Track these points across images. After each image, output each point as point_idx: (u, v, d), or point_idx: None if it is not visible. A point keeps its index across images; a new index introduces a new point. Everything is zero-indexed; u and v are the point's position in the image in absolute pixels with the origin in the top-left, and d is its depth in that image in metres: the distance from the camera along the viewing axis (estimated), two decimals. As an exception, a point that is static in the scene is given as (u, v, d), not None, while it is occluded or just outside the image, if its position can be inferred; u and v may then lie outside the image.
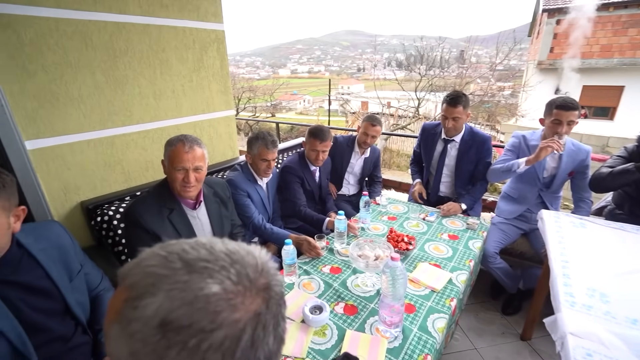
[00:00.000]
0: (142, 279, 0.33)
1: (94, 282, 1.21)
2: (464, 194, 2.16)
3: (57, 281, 1.01)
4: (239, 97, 15.19)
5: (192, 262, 0.34)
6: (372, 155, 2.55)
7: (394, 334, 1.12)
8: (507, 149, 2.10)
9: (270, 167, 1.87)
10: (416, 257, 1.59)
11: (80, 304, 1.09)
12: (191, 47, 2.18)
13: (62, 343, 1.04)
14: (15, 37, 1.52)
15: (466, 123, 2.20)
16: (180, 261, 0.34)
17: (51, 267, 1.01)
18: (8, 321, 0.88)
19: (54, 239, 1.07)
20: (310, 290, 1.39)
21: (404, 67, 13.74)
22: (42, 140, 1.66)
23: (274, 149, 1.83)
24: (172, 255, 0.35)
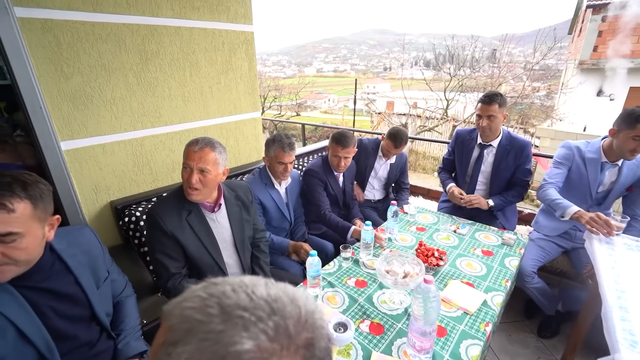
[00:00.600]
0: (179, 322, 0.32)
1: (119, 289, 1.22)
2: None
3: (86, 288, 1.01)
4: (264, 96, 15.37)
5: (229, 310, 0.32)
6: (399, 161, 2.46)
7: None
8: (558, 161, 1.89)
9: (287, 170, 1.83)
10: (447, 273, 1.49)
11: (105, 310, 1.10)
12: (220, 48, 2.18)
13: (87, 349, 1.04)
14: (54, 41, 1.56)
15: (504, 128, 2.06)
16: (217, 306, 0.32)
17: (81, 274, 1.01)
18: (35, 328, 0.88)
19: (85, 245, 1.08)
20: (335, 304, 1.33)
21: (432, 67, 13.36)
22: (76, 141, 1.70)
23: (291, 152, 1.79)
24: (211, 298, 0.33)
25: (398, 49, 13.57)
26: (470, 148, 2.15)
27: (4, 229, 0.76)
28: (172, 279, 1.34)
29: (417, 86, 12.99)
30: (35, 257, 0.86)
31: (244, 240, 1.58)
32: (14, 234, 0.78)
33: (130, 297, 1.27)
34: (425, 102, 11.19)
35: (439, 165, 2.39)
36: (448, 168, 2.33)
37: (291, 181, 1.99)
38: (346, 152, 2.00)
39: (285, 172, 1.82)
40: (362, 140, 2.43)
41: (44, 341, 0.89)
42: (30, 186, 0.82)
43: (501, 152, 2.03)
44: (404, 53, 13.85)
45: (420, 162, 8.96)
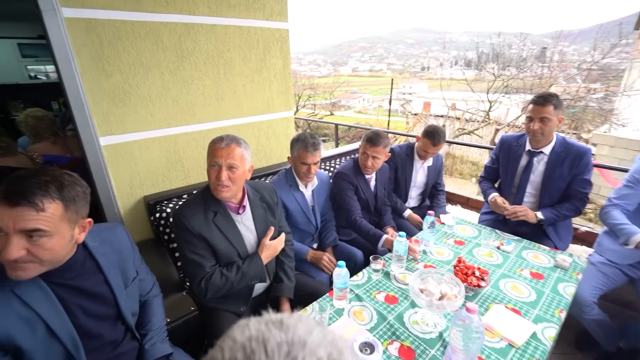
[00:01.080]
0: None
1: (146, 288, 1.21)
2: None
3: (114, 287, 1.01)
4: (299, 95, 15.48)
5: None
6: (436, 163, 2.30)
7: (461, 398, 0.92)
8: (634, 178, 1.62)
9: (311, 172, 1.75)
10: (489, 296, 1.34)
11: (131, 310, 1.09)
12: (255, 46, 2.15)
13: (112, 348, 1.04)
14: (97, 40, 1.60)
15: (557, 133, 1.85)
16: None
17: (110, 273, 1.01)
18: (64, 325, 0.89)
19: (117, 243, 1.07)
20: (362, 320, 1.24)
21: (474, 66, 12.69)
22: (114, 136, 1.74)
23: (315, 152, 1.71)
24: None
25: (437, 47, 13.07)
26: (517, 155, 1.95)
27: (32, 225, 0.76)
28: (204, 277, 1.31)
29: (457, 87, 12.42)
30: (60, 258, 0.86)
31: None
32: (42, 231, 0.77)
33: (157, 297, 1.26)
34: (465, 103, 10.64)
35: (480, 174, 2.20)
36: (491, 177, 2.14)
37: (319, 183, 1.92)
38: (375, 150, 1.89)
39: (308, 174, 1.75)
40: (393, 149, 2.28)
41: (70, 338, 0.90)
42: (66, 188, 0.82)
43: (554, 159, 1.82)
44: (444, 52, 13.31)
45: (457, 166, 8.53)
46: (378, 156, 1.92)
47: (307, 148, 1.69)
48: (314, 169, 1.74)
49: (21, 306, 0.82)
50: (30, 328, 0.83)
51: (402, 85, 50.81)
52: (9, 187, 0.75)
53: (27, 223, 0.75)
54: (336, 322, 1.23)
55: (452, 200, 2.92)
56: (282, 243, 1.53)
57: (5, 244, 0.74)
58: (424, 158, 2.17)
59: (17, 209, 0.74)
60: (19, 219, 0.74)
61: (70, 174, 0.87)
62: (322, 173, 2.02)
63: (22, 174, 0.79)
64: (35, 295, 0.85)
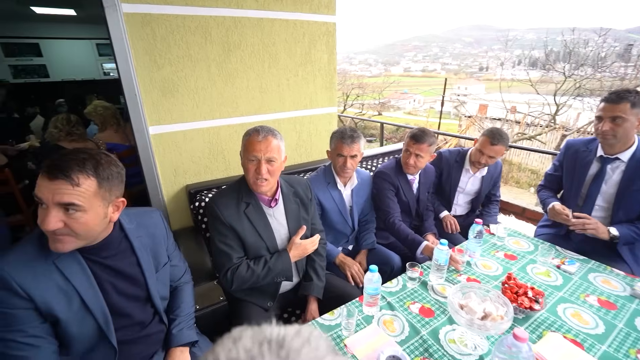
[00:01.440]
0: None
1: (177, 275, 1.24)
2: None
3: (145, 271, 1.04)
4: (347, 94, 15.40)
5: None
6: (494, 169, 2.09)
7: None
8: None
9: (346, 165, 1.66)
10: (543, 321, 1.16)
11: (160, 294, 1.11)
12: (300, 40, 2.12)
13: (140, 328, 1.07)
14: (151, 33, 1.69)
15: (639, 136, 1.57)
16: None
17: (143, 256, 1.04)
18: (97, 300, 0.93)
19: (152, 228, 1.10)
20: (392, 331, 1.14)
21: (540, 66, 11.55)
22: (161, 126, 1.83)
23: (352, 144, 1.62)
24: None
25: (499, 46, 12.08)
26: (585, 162, 1.69)
27: (68, 199, 0.79)
28: (231, 268, 1.31)
29: (519, 88, 11.41)
30: (94, 234, 0.89)
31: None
32: (76, 205, 0.80)
33: (188, 284, 1.28)
34: (527, 106, 9.74)
35: (540, 182, 1.94)
36: (552, 186, 1.87)
37: (359, 183, 1.83)
38: (418, 148, 1.76)
39: (344, 168, 1.67)
40: (441, 153, 2.12)
41: (102, 314, 0.94)
42: (101, 166, 0.85)
43: (634, 168, 1.54)
44: (506, 50, 12.30)
45: (514, 174, 7.85)
46: (422, 154, 1.78)
47: (344, 139, 1.62)
48: (350, 162, 1.66)
49: (61, 278, 0.87)
50: (67, 300, 0.88)
51: (457, 86, 48.20)
52: (52, 162, 0.80)
53: (62, 197, 0.79)
54: (363, 330, 1.15)
55: (506, 209, 2.65)
56: (315, 245, 1.47)
57: (45, 215, 0.79)
58: (478, 164, 1.96)
59: (55, 182, 0.78)
60: (56, 192, 0.78)
61: (107, 155, 0.89)
62: (363, 172, 1.94)
63: (65, 153, 0.83)
64: (73, 269, 0.89)
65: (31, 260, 0.85)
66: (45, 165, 0.80)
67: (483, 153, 1.90)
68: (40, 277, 0.85)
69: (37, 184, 0.79)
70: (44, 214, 0.79)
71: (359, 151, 1.66)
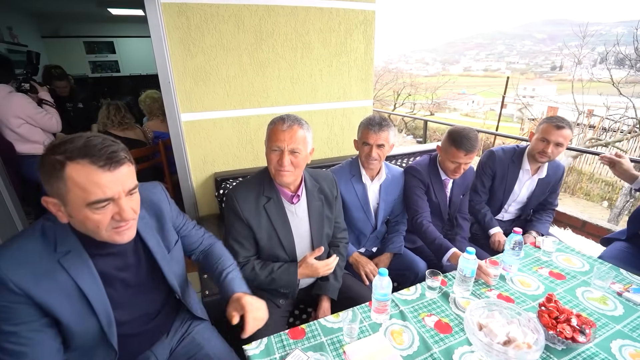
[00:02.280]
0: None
1: (195, 243, 1.17)
2: None
3: (156, 254, 0.98)
4: (398, 92, 14.91)
5: None
6: (554, 173, 1.81)
7: None
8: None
9: (371, 155, 1.51)
10: (589, 358, 0.95)
11: (175, 274, 1.05)
12: (336, 29, 2.05)
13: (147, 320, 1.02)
14: (186, 23, 1.74)
15: None
16: None
17: (151, 240, 0.98)
18: (103, 303, 0.87)
19: (154, 206, 1.02)
20: (399, 343, 1.03)
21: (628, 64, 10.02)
22: (193, 114, 1.88)
23: (380, 132, 1.48)
24: None
25: (577, 42, 10.68)
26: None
27: (133, 182, 0.79)
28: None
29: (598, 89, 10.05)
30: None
31: (322, 238, 1.42)
32: (136, 185, 0.81)
33: (218, 243, 1.22)
34: (606, 109, 8.52)
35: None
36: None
37: (389, 178, 1.68)
38: (469, 157, 1.57)
39: (369, 158, 1.53)
40: (494, 152, 1.86)
41: (106, 315, 0.88)
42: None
43: None
44: (585, 47, 10.88)
45: (583, 184, 6.94)
46: (471, 161, 1.60)
47: (371, 126, 1.49)
48: (376, 152, 1.52)
49: (66, 278, 0.81)
50: (70, 301, 0.82)
51: (523, 86, 44.18)
52: (97, 155, 0.73)
53: (133, 181, 0.79)
54: (367, 338, 1.04)
55: (561, 221, 2.30)
56: (330, 269, 1.36)
57: (120, 208, 0.77)
58: (542, 156, 1.67)
59: (119, 171, 0.75)
60: (125, 180, 0.77)
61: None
62: (395, 168, 1.79)
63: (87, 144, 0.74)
64: (80, 269, 0.83)
65: (32, 259, 0.78)
66: (90, 161, 0.72)
67: (548, 141, 1.62)
68: (41, 278, 0.78)
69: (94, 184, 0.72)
70: (111, 210, 0.76)
71: (387, 141, 1.52)
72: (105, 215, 0.76)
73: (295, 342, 1.04)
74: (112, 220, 0.78)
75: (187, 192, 2.00)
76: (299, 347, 1.01)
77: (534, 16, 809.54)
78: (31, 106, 2.40)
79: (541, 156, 1.67)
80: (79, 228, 0.80)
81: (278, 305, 1.39)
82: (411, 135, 12.88)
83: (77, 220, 0.77)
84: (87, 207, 0.74)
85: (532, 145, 1.72)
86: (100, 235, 0.79)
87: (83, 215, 0.75)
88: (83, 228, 0.79)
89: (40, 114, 2.45)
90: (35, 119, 2.42)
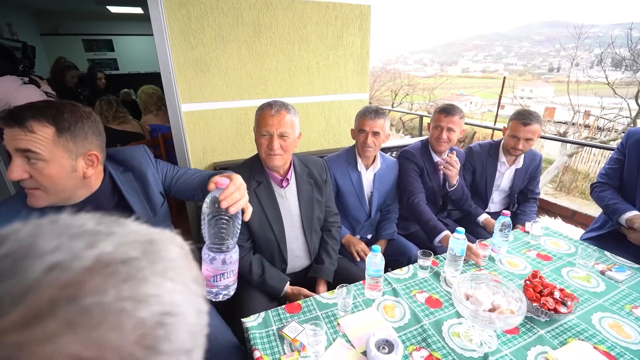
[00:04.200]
0: None
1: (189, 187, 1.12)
2: None
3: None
4: (396, 92, 15.00)
5: None
6: (531, 162, 1.87)
7: None
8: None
9: (367, 142, 1.57)
10: (570, 328, 1.00)
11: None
12: (332, 23, 2.10)
13: None
14: (186, 15, 1.78)
15: None
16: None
17: (137, 205, 1.00)
18: None
19: (137, 167, 1.04)
20: (391, 317, 1.07)
21: (625, 66, 10.12)
22: (193, 104, 1.92)
23: (376, 119, 1.54)
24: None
25: (574, 44, 10.78)
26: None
27: (24, 145, 0.78)
28: None
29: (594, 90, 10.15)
30: (64, 188, 0.86)
31: (312, 221, 1.47)
32: (33, 152, 0.78)
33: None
34: (601, 109, 8.61)
35: (595, 181, 1.68)
36: (614, 183, 1.61)
37: (383, 168, 1.73)
38: (450, 121, 1.64)
39: (365, 145, 1.58)
40: (471, 148, 1.94)
41: None
42: (62, 115, 0.82)
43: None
44: (582, 49, 10.99)
45: (579, 183, 7.01)
46: (454, 127, 1.66)
47: (368, 113, 1.55)
48: (372, 140, 1.57)
49: None
50: None
51: (521, 88, 44.36)
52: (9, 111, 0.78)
53: (19, 142, 0.77)
54: (360, 312, 1.09)
55: (551, 211, 2.36)
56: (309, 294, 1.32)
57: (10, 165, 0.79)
58: (514, 151, 1.76)
59: (12, 130, 0.77)
60: (13, 139, 0.78)
61: (76, 106, 0.86)
62: (390, 158, 1.84)
63: (28, 104, 0.80)
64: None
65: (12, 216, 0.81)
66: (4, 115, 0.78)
67: (518, 137, 1.70)
68: None
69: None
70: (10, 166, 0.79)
71: (383, 129, 1.57)
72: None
73: (292, 315, 1.08)
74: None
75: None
76: (295, 319, 1.06)
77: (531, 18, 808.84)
78: (42, 98, 2.44)
79: (514, 151, 1.76)
80: None
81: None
82: (409, 135, 12.96)
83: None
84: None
85: (505, 141, 1.81)
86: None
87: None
88: None
89: None
90: None
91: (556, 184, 7.32)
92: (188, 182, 1.13)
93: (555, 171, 6.86)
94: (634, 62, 8.90)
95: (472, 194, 1.98)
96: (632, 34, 8.83)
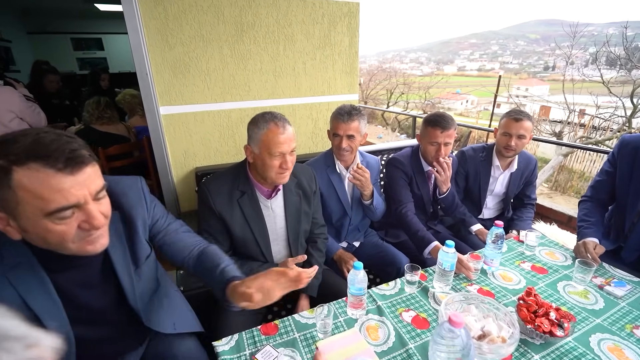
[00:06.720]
0: None
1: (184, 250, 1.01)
2: None
3: (119, 272, 0.85)
4: (391, 91, 14.93)
5: None
6: (526, 167, 1.80)
7: None
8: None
9: (341, 147, 1.49)
10: (568, 352, 0.93)
11: (142, 294, 0.92)
12: (319, 21, 2.01)
13: (109, 344, 0.92)
14: (163, 13, 1.68)
15: None
16: None
17: (116, 250, 0.84)
18: (60, 320, 0.76)
19: (127, 210, 0.87)
20: (374, 339, 0.99)
21: (619, 65, 10.12)
22: (172, 107, 1.83)
23: (349, 122, 1.45)
24: None
25: (569, 43, 10.75)
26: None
27: (101, 182, 0.68)
28: None
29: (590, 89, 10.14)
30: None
31: (298, 234, 1.39)
32: (103, 186, 0.70)
33: (211, 245, 1.06)
34: (596, 109, 8.59)
35: (587, 192, 1.58)
36: (600, 196, 1.51)
37: (365, 167, 1.65)
38: (447, 135, 1.55)
39: (339, 149, 1.50)
40: (464, 151, 1.86)
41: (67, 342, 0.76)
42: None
43: None
44: (577, 48, 10.97)
45: (574, 182, 6.99)
46: (450, 141, 1.57)
47: (340, 116, 1.47)
48: (346, 143, 1.49)
49: (13, 295, 0.69)
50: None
51: (517, 86, 44.50)
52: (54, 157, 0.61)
53: (99, 183, 0.68)
54: (341, 334, 1.01)
55: (547, 216, 2.30)
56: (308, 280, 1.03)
57: (82, 217, 0.66)
58: (507, 150, 1.67)
59: (82, 173, 0.64)
60: (90, 182, 0.66)
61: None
62: (370, 156, 1.75)
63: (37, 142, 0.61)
64: (31, 285, 0.71)
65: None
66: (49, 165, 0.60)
67: (510, 135, 1.63)
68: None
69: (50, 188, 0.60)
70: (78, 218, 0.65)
71: (358, 131, 1.49)
72: (70, 225, 0.65)
73: (267, 338, 1.00)
74: (80, 230, 0.67)
75: (168, 187, 1.95)
76: (270, 343, 0.97)
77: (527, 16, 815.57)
78: (21, 100, 2.33)
79: (507, 150, 1.68)
80: (37, 243, 0.68)
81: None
82: (405, 134, 12.89)
83: (34, 234, 0.65)
84: (47, 217, 0.62)
85: (497, 141, 1.73)
86: (68, 248, 0.68)
87: (42, 228, 0.63)
88: (43, 243, 0.67)
89: (30, 108, 2.38)
90: (26, 113, 2.35)
91: (551, 183, 7.29)
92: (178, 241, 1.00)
93: (550, 171, 6.82)
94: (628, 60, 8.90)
95: (466, 199, 1.90)
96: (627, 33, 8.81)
